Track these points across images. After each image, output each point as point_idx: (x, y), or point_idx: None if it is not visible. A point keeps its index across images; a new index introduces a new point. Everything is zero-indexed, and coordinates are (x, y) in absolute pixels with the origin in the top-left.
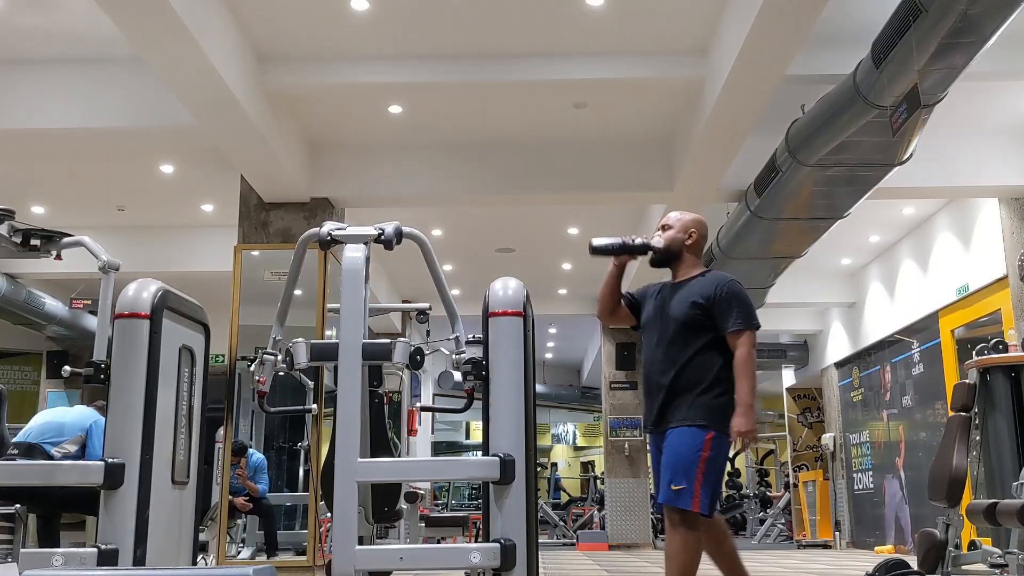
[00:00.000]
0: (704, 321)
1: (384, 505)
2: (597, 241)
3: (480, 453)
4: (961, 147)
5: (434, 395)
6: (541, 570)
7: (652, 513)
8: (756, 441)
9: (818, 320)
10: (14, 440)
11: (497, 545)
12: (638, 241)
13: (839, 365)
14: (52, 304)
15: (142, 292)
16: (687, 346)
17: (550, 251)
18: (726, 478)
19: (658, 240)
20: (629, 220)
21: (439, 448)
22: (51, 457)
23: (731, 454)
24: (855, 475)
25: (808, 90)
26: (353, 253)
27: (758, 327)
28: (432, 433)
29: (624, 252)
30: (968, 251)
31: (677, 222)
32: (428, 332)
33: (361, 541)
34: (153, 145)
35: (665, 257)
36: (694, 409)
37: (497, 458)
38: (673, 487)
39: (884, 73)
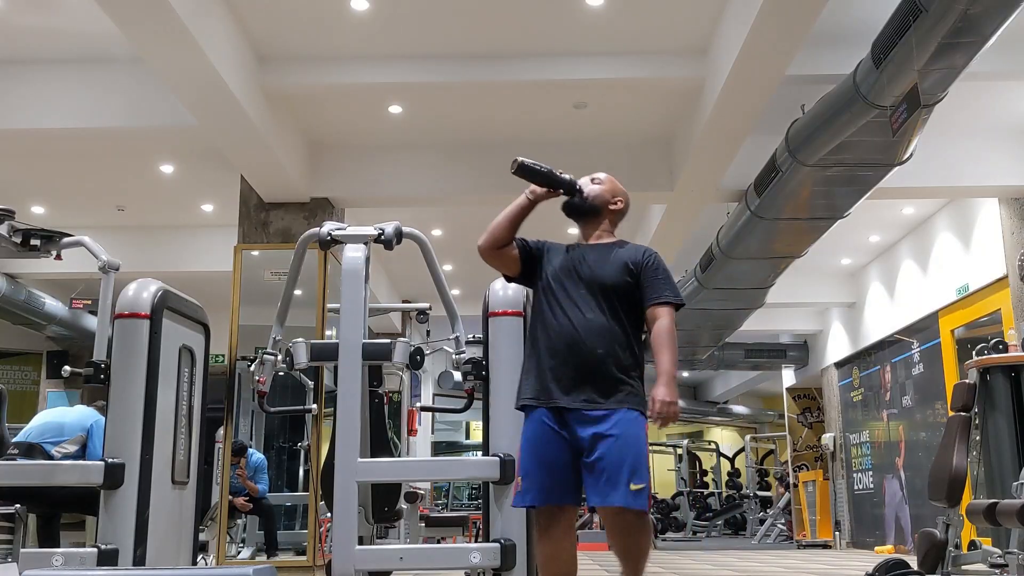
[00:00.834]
0: (634, 290)
1: (384, 505)
2: (526, 160)
3: (480, 453)
4: (961, 147)
5: (434, 395)
6: None
7: (652, 513)
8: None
9: (818, 320)
10: (14, 440)
11: (497, 545)
12: (566, 176)
13: (839, 365)
14: (52, 304)
15: (142, 292)
16: (615, 315)
17: None
18: (726, 478)
19: (586, 183)
20: (629, 220)
21: (439, 448)
22: (51, 457)
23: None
24: (855, 475)
25: (808, 90)
26: (353, 253)
27: (683, 304)
28: (432, 433)
29: (549, 183)
30: (968, 251)
31: (608, 182)
32: (428, 332)
33: (361, 541)
34: (153, 145)
35: (584, 208)
36: (625, 391)
37: (497, 458)
38: (633, 487)
39: (884, 73)
